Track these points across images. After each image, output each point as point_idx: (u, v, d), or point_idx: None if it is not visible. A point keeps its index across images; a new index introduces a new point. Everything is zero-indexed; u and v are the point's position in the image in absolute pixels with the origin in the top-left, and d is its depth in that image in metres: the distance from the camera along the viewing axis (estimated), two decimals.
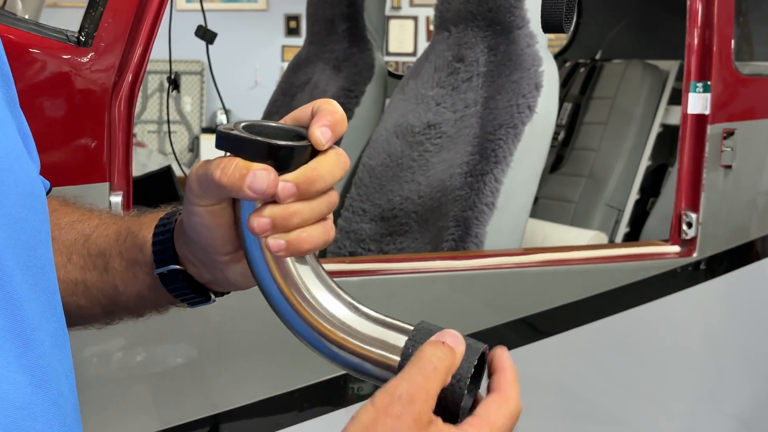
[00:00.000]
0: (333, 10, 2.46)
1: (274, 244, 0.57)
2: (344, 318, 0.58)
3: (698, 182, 1.62)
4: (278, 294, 0.59)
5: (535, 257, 1.57)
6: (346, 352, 0.58)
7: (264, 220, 0.57)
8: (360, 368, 0.58)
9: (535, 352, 1.56)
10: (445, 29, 1.88)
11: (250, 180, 0.55)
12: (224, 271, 0.66)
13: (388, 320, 0.58)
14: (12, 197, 0.52)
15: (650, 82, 2.41)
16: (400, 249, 1.76)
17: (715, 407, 1.78)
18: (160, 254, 0.68)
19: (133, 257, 0.70)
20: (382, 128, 1.96)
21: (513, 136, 1.59)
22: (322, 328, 0.58)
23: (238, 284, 0.67)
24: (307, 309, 0.59)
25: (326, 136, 0.57)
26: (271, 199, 0.57)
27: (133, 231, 0.71)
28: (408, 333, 0.57)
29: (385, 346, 0.57)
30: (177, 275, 0.68)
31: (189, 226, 0.64)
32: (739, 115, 1.66)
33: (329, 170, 0.58)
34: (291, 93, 2.58)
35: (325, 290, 0.59)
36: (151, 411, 1.37)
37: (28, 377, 0.51)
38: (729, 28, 1.62)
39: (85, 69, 1.20)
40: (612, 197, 2.38)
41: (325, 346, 0.58)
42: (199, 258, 0.67)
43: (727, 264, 1.70)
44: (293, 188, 0.56)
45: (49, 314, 0.55)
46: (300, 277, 0.59)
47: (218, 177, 0.56)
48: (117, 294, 0.72)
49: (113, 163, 1.23)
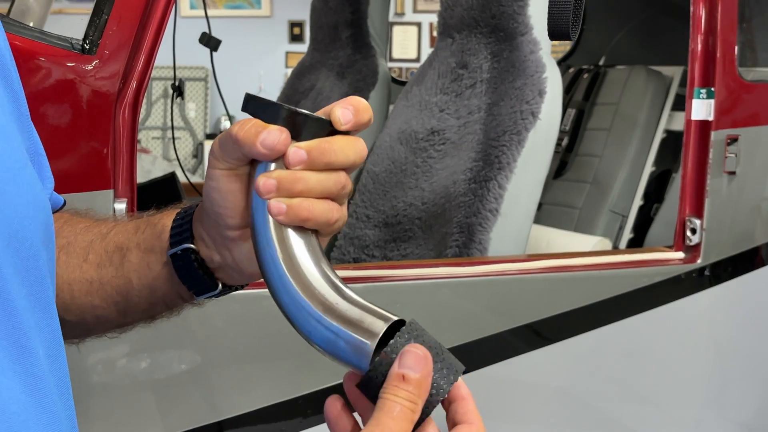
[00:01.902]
0: (336, 17, 2.46)
1: (275, 206, 0.58)
2: (326, 294, 0.58)
3: (702, 188, 1.61)
4: (270, 258, 0.59)
5: (539, 263, 1.56)
6: (323, 326, 0.57)
7: (270, 181, 0.58)
8: (332, 345, 0.57)
9: (539, 358, 1.56)
10: (448, 36, 1.89)
11: (263, 136, 0.57)
12: (232, 251, 0.67)
13: (369, 305, 0.58)
14: (14, 208, 0.53)
15: (654, 88, 2.41)
16: (404, 255, 1.76)
17: (720, 413, 1.78)
18: (178, 236, 0.70)
19: (150, 245, 0.71)
20: (385, 134, 1.96)
21: (516, 142, 1.59)
22: (305, 299, 0.58)
23: (244, 268, 0.68)
24: (292, 278, 0.59)
25: (346, 117, 0.59)
26: (282, 165, 0.59)
27: (152, 222, 0.73)
28: (386, 319, 0.57)
29: (359, 328, 0.56)
30: (189, 255, 0.69)
31: (206, 193, 0.65)
32: (742, 121, 1.66)
33: (342, 148, 0.59)
34: (295, 99, 2.59)
35: (314, 265, 0.59)
36: (156, 417, 1.37)
37: (21, 384, 0.51)
38: (732, 34, 1.62)
39: (89, 76, 1.20)
40: (616, 203, 2.37)
41: (303, 317, 0.58)
42: (211, 235, 0.68)
43: (732, 270, 1.70)
44: (303, 154, 0.58)
45: (43, 324, 0.56)
46: (293, 246, 0.59)
47: (236, 131, 0.59)
48: (130, 288, 0.72)
49: (117, 170, 1.23)
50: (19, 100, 0.62)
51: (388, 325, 0.56)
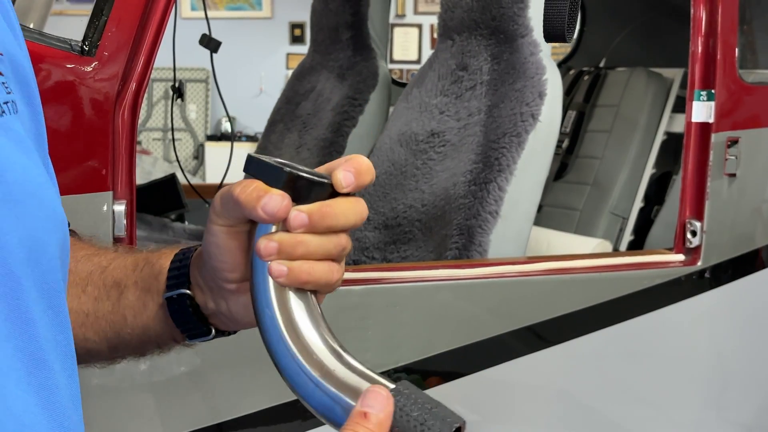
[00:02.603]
0: (337, 19, 2.46)
1: (276, 268, 0.59)
2: (325, 358, 0.58)
3: (702, 190, 1.61)
4: (269, 319, 0.60)
5: (539, 266, 1.56)
6: (321, 391, 0.58)
7: (272, 244, 0.59)
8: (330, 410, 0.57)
9: (539, 360, 1.56)
10: (448, 38, 1.88)
11: (265, 201, 0.58)
12: (228, 301, 0.68)
13: (367, 371, 0.58)
14: (34, 222, 0.54)
15: (654, 90, 2.41)
16: (404, 257, 1.75)
17: (720, 416, 1.78)
18: (174, 279, 0.70)
19: (147, 285, 0.72)
20: (385, 136, 1.96)
21: (517, 144, 1.59)
22: (303, 362, 0.58)
23: (239, 318, 0.69)
24: (291, 341, 0.59)
25: (347, 179, 0.59)
26: (283, 228, 0.59)
27: (151, 261, 0.73)
28: None
29: (357, 396, 0.55)
30: (184, 300, 0.69)
31: (205, 246, 0.66)
32: (743, 123, 1.66)
33: (343, 211, 0.60)
34: (295, 101, 2.59)
35: (313, 329, 0.59)
36: (155, 420, 1.37)
37: (36, 397, 0.51)
38: (733, 36, 1.62)
39: (88, 78, 1.20)
40: (616, 205, 2.37)
41: (302, 380, 0.58)
42: (208, 284, 0.69)
43: (732, 272, 1.70)
44: (305, 218, 0.59)
45: (60, 338, 0.56)
46: (293, 308, 0.60)
47: (237, 194, 0.59)
48: (124, 326, 0.72)
49: (117, 172, 1.23)
50: (39, 118, 0.63)
51: None
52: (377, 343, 1.44)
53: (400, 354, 1.45)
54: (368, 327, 1.42)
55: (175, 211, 2.48)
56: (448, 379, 1.50)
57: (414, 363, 1.46)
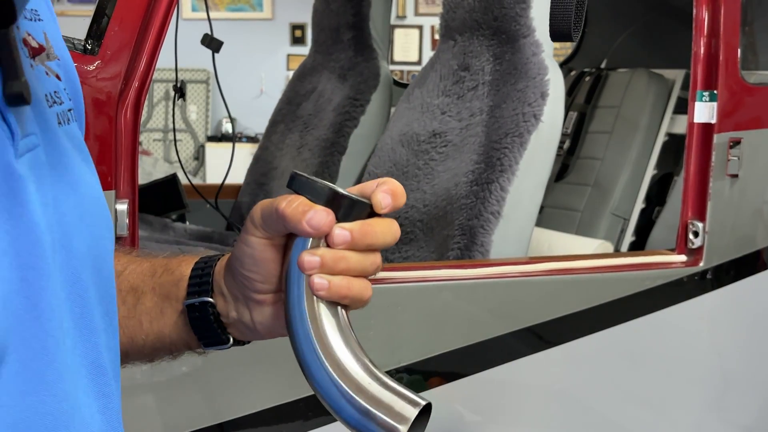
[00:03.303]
0: (338, 19, 2.46)
1: (318, 282, 0.61)
2: (358, 374, 0.60)
3: (705, 191, 1.61)
4: (304, 334, 0.62)
5: (540, 266, 1.56)
6: (353, 407, 0.60)
7: (314, 258, 0.61)
8: (362, 425, 0.59)
9: (540, 361, 1.56)
10: (450, 38, 1.88)
11: (310, 215, 0.60)
12: (252, 311, 0.69)
13: (399, 387, 0.60)
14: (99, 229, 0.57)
15: (656, 91, 2.40)
16: (406, 257, 1.75)
17: (721, 417, 1.77)
18: (196, 287, 0.71)
19: (165, 292, 0.73)
20: (387, 137, 1.96)
21: (519, 144, 1.59)
22: (337, 377, 0.60)
23: (261, 329, 0.70)
24: (325, 355, 0.61)
25: (386, 201, 0.62)
26: (323, 243, 0.62)
27: (170, 268, 0.74)
28: (416, 405, 0.59)
29: (391, 411, 0.58)
30: (207, 308, 0.70)
31: (237, 256, 0.67)
32: (745, 124, 1.66)
33: (382, 231, 0.63)
34: (296, 102, 2.59)
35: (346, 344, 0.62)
36: (156, 420, 1.37)
37: (97, 403, 0.54)
38: (735, 37, 1.62)
39: (91, 77, 1.20)
40: (617, 206, 2.37)
41: (335, 395, 0.60)
42: (233, 293, 0.70)
43: (734, 273, 1.70)
44: (348, 235, 0.61)
45: (112, 344, 0.59)
46: (327, 323, 0.62)
47: (283, 207, 0.61)
48: (139, 331, 0.73)
49: (119, 171, 1.23)
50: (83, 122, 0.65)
51: (418, 411, 0.59)
52: (379, 343, 1.44)
53: (401, 354, 1.45)
54: (370, 327, 1.42)
55: (176, 212, 2.47)
56: (450, 380, 1.50)
57: (416, 363, 1.46)
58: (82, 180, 0.56)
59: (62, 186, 0.52)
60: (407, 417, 0.58)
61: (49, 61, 0.57)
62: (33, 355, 0.46)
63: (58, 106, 0.56)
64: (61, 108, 0.56)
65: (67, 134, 0.56)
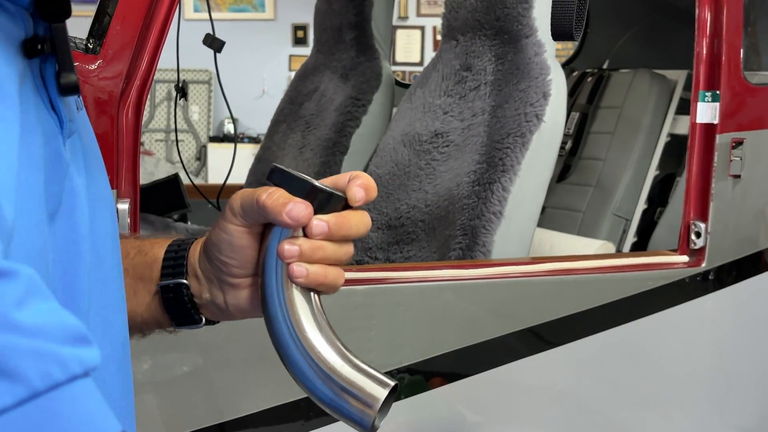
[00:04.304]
0: (340, 19, 2.46)
1: (297, 270, 0.65)
2: (332, 356, 0.64)
3: (707, 192, 1.61)
4: (282, 318, 0.66)
5: (542, 266, 1.56)
6: (328, 387, 0.64)
7: (294, 248, 0.65)
8: (336, 404, 0.63)
9: (541, 362, 1.55)
10: (452, 38, 1.88)
11: (290, 207, 0.64)
12: (226, 294, 0.72)
13: (370, 370, 0.64)
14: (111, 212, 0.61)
15: (658, 91, 2.40)
16: (407, 257, 1.75)
17: (723, 419, 1.77)
18: (170, 269, 0.74)
19: (139, 273, 0.75)
20: (389, 137, 1.95)
21: (521, 144, 1.59)
22: (314, 359, 0.64)
23: (233, 310, 0.73)
24: (302, 339, 0.65)
25: (360, 194, 0.67)
26: (300, 233, 0.66)
27: (143, 249, 0.77)
28: (385, 385, 0.63)
29: (362, 392, 0.63)
30: (181, 290, 0.73)
31: (215, 242, 0.71)
32: (747, 124, 1.65)
33: (356, 223, 0.67)
34: (298, 101, 2.59)
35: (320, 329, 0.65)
36: (157, 419, 1.37)
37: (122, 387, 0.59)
38: (738, 38, 1.62)
39: (93, 76, 1.20)
40: (619, 207, 2.37)
41: (311, 375, 0.64)
42: (208, 276, 0.73)
43: (736, 274, 1.69)
44: (325, 227, 0.65)
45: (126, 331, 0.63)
46: (303, 309, 0.65)
47: (263, 199, 0.65)
48: None
49: (120, 171, 1.23)
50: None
51: (388, 391, 0.63)
52: (381, 343, 1.44)
53: (403, 354, 1.45)
54: (372, 327, 1.42)
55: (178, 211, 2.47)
56: (451, 380, 1.50)
57: (417, 363, 1.46)
58: (98, 168, 0.60)
59: (92, 169, 0.57)
60: (378, 397, 0.62)
61: None
62: None
63: None
64: None
65: (84, 120, 0.60)
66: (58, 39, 0.50)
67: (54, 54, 0.50)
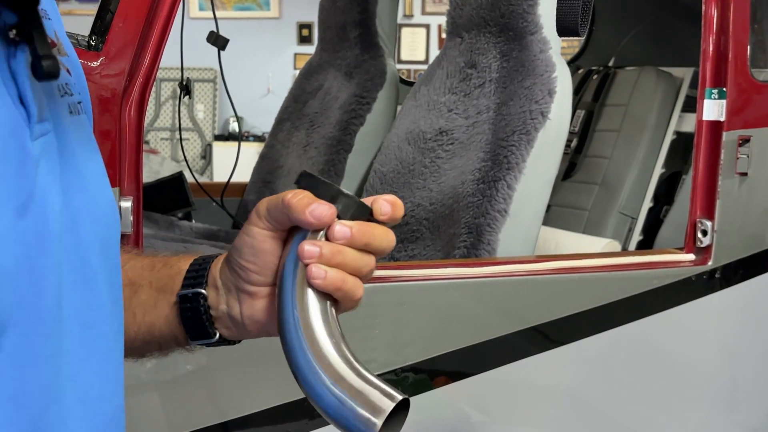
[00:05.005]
0: (345, 17, 2.45)
1: (316, 271, 0.64)
2: (340, 364, 0.63)
3: (713, 189, 1.60)
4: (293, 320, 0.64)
5: (547, 265, 1.55)
6: (332, 395, 0.62)
7: (314, 249, 0.64)
8: (339, 414, 0.62)
9: (547, 361, 1.55)
10: (457, 35, 1.87)
11: (313, 207, 0.64)
12: (242, 304, 0.71)
13: (378, 382, 0.62)
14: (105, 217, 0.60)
15: (664, 89, 2.39)
16: (412, 256, 1.75)
17: (729, 417, 1.76)
18: (192, 279, 0.74)
19: (162, 285, 0.75)
20: (393, 135, 1.95)
21: (526, 142, 1.58)
22: (320, 364, 0.63)
23: (248, 323, 0.72)
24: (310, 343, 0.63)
25: (386, 208, 0.66)
26: (323, 238, 0.65)
27: (169, 263, 0.77)
28: (393, 398, 0.61)
29: (367, 403, 0.61)
30: (198, 299, 0.72)
31: (237, 246, 0.70)
32: (754, 121, 1.64)
33: (380, 236, 0.66)
34: (303, 99, 2.58)
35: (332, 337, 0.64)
36: (161, 418, 1.36)
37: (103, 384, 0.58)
38: (745, 35, 1.61)
39: (95, 73, 1.20)
40: (625, 205, 2.36)
41: (315, 381, 0.63)
42: (227, 285, 0.72)
43: (743, 272, 1.68)
44: (348, 231, 0.65)
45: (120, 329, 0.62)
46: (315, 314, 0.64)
47: (288, 198, 0.65)
48: (132, 323, 0.75)
49: (123, 168, 1.23)
50: (91, 119, 0.68)
51: (395, 404, 0.61)
52: (385, 342, 1.43)
53: (407, 353, 1.45)
54: (376, 326, 1.41)
55: (182, 210, 2.47)
56: (456, 379, 1.49)
57: (421, 362, 1.45)
58: (89, 168, 0.58)
59: (71, 172, 0.55)
60: (383, 409, 0.60)
61: (60, 56, 0.59)
62: (32, 330, 0.48)
63: (69, 97, 0.58)
64: (71, 99, 0.59)
65: (78, 124, 0.59)
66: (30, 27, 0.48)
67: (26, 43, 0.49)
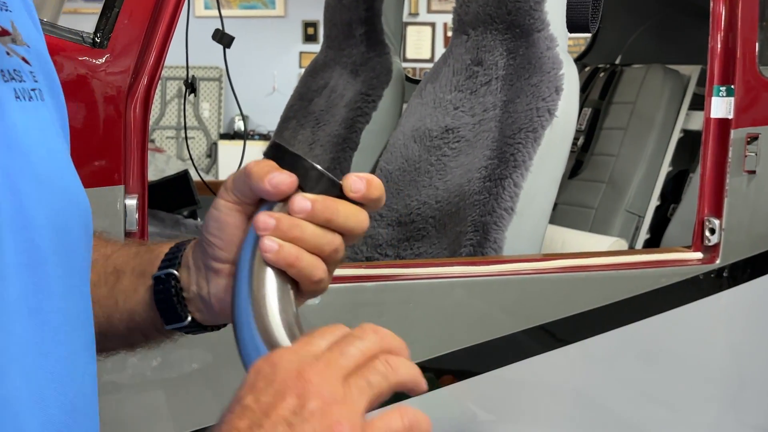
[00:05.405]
0: (350, 14, 2.45)
1: (267, 243, 0.61)
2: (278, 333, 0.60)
3: (721, 188, 1.59)
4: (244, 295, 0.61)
5: (554, 263, 1.55)
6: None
7: (270, 220, 0.61)
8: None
9: (554, 360, 1.54)
10: (463, 32, 1.87)
11: (272, 175, 0.61)
12: (209, 282, 0.69)
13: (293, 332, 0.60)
14: (60, 202, 0.58)
15: (671, 86, 2.38)
16: (418, 254, 1.74)
17: (737, 417, 1.75)
18: (167, 262, 0.73)
19: (142, 270, 0.74)
20: (399, 132, 1.94)
21: (532, 140, 1.57)
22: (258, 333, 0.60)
23: (215, 302, 0.70)
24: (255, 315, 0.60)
25: (357, 185, 0.62)
26: (286, 211, 0.62)
27: (152, 248, 0.76)
28: None
29: None
30: (170, 281, 0.71)
31: (205, 221, 0.68)
32: (763, 119, 1.63)
33: (346, 213, 0.62)
34: (308, 97, 2.58)
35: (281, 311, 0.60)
36: (166, 417, 1.36)
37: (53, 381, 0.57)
38: (753, 32, 1.60)
39: (100, 71, 1.19)
40: (632, 203, 2.35)
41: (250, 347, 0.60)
42: (197, 264, 0.70)
43: (751, 271, 1.67)
44: (308, 204, 0.61)
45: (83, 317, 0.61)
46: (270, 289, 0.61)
47: (250, 167, 0.63)
48: (115, 310, 0.74)
49: (128, 166, 1.22)
50: (62, 111, 0.66)
51: None
52: None
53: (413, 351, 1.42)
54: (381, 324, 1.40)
55: (188, 208, 2.47)
56: (462, 378, 1.49)
57: (427, 361, 1.44)
58: (37, 153, 0.57)
59: (14, 155, 0.54)
60: None
61: (14, 45, 0.59)
62: None
63: (17, 83, 0.57)
64: (21, 85, 0.58)
65: (25, 110, 0.57)
66: None
67: None
